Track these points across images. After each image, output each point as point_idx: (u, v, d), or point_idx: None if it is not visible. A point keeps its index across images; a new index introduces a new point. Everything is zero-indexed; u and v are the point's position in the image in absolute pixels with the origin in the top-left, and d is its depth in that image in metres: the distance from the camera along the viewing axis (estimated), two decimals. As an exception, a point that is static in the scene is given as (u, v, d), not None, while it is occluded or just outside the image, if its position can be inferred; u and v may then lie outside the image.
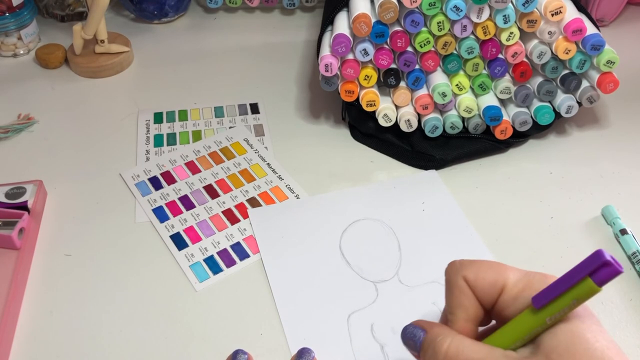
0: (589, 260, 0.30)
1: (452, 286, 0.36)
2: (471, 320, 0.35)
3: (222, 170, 0.59)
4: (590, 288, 0.30)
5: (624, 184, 0.57)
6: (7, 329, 0.44)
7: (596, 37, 0.54)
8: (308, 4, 0.81)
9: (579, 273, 0.30)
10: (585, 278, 0.30)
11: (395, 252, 0.51)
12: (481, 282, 0.35)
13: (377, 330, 0.45)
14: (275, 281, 0.49)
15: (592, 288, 0.30)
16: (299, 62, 0.73)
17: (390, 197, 0.56)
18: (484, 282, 0.35)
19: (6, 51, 0.73)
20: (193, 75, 0.71)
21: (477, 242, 0.52)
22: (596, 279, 0.30)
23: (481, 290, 0.35)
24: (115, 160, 0.59)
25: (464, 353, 0.32)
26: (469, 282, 0.35)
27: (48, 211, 0.55)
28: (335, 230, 0.53)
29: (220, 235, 0.53)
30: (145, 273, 0.50)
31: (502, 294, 0.34)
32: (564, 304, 0.31)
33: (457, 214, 0.54)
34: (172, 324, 0.46)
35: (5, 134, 0.62)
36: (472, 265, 0.35)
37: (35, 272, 0.50)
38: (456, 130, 0.59)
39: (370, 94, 0.57)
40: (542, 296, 0.32)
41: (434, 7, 0.52)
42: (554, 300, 0.31)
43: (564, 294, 0.31)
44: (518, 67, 0.56)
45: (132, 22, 0.80)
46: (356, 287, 0.48)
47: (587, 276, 0.30)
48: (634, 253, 0.50)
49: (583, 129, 0.64)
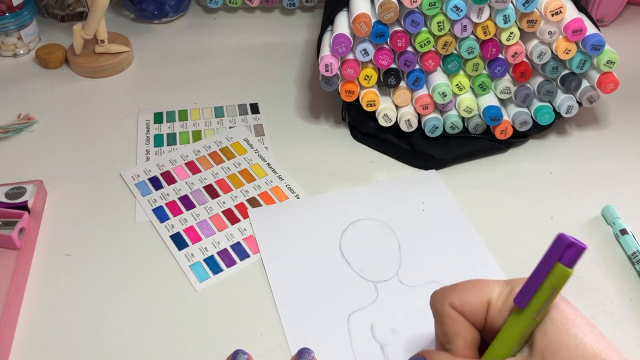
0: (554, 247, 0.31)
1: (441, 316, 0.35)
2: (470, 346, 0.35)
3: (222, 170, 0.59)
4: (563, 272, 0.31)
5: (624, 184, 0.57)
6: (7, 329, 0.44)
7: (596, 37, 0.54)
8: (308, 4, 0.81)
9: (548, 261, 0.31)
10: (556, 264, 0.31)
11: (395, 252, 0.51)
12: (468, 306, 0.35)
13: (377, 330, 0.45)
14: (275, 281, 0.49)
15: (564, 272, 0.31)
16: (299, 62, 0.73)
17: (390, 197, 0.56)
18: (470, 304, 0.35)
19: (6, 51, 0.73)
20: (193, 75, 0.71)
21: (477, 242, 0.52)
22: (565, 261, 0.31)
23: (470, 314, 0.35)
24: (115, 160, 0.59)
25: None
26: (457, 308, 0.35)
27: (48, 211, 0.55)
28: (335, 230, 0.53)
29: (221, 235, 0.53)
30: (145, 273, 0.50)
31: (489, 310, 0.35)
32: (545, 296, 0.32)
33: (457, 214, 0.54)
34: (172, 324, 0.46)
35: (5, 134, 0.62)
36: (455, 290, 0.35)
37: (35, 272, 0.50)
38: (456, 130, 0.59)
39: (370, 94, 0.57)
40: (522, 295, 0.32)
41: (434, 7, 0.52)
42: (534, 296, 0.32)
43: (542, 287, 0.32)
44: (518, 67, 0.56)
45: (132, 22, 0.80)
46: (356, 287, 0.48)
47: (557, 262, 0.31)
48: (634, 253, 0.50)
49: (583, 129, 0.64)
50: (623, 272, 0.50)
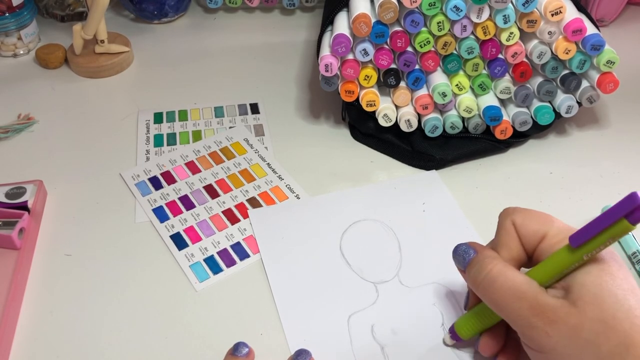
0: (623, 203, 0.32)
1: (500, 227, 0.40)
2: (513, 259, 0.39)
3: (222, 170, 0.59)
4: (625, 227, 0.32)
5: (624, 184, 0.57)
6: (7, 329, 0.44)
7: (596, 37, 0.54)
8: (308, 4, 0.81)
9: (613, 214, 0.32)
10: (621, 219, 0.32)
11: (396, 253, 0.51)
12: (526, 228, 0.39)
13: (377, 331, 0.45)
14: (276, 282, 0.49)
15: (626, 227, 0.32)
16: (299, 62, 0.73)
17: (391, 197, 0.56)
18: (528, 228, 0.39)
19: (6, 51, 0.73)
20: (193, 75, 0.71)
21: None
22: (630, 220, 0.32)
23: (525, 236, 0.39)
24: (115, 160, 0.59)
25: (504, 275, 0.36)
26: (516, 226, 0.39)
27: (48, 211, 0.55)
28: (336, 230, 0.53)
29: (221, 235, 0.53)
30: (145, 273, 0.50)
31: (541, 242, 0.38)
32: (601, 242, 0.33)
33: (458, 215, 0.54)
34: (172, 324, 0.46)
35: (5, 134, 0.62)
36: (522, 212, 0.40)
37: (35, 272, 0.50)
38: (456, 130, 0.59)
39: (370, 94, 0.57)
40: (579, 236, 0.34)
41: (434, 7, 0.52)
42: (591, 240, 0.34)
43: (601, 234, 0.33)
44: (518, 67, 0.56)
45: (132, 22, 0.80)
46: (356, 288, 0.48)
47: (622, 217, 0.32)
48: (634, 253, 0.50)
49: (583, 129, 0.64)
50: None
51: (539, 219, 0.39)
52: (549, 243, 0.38)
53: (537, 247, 0.38)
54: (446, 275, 0.49)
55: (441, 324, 0.46)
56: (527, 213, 0.39)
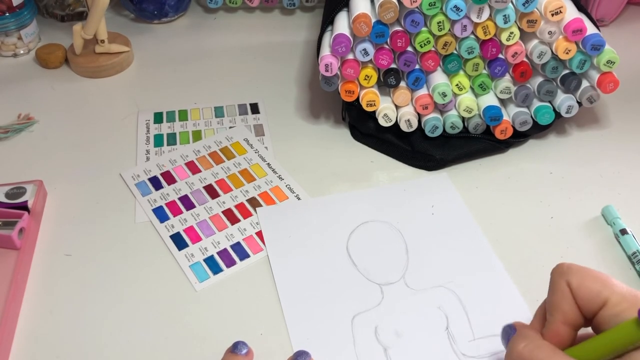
0: None
1: (554, 288, 0.36)
2: (568, 324, 0.35)
3: (222, 170, 0.59)
4: None
5: (624, 184, 0.57)
6: (7, 329, 0.44)
7: (596, 37, 0.53)
8: (308, 4, 0.81)
9: None
10: None
11: (403, 255, 0.51)
12: (584, 291, 0.35)
13: (380, 333, 0.45)
14: (281, 280, 0.49)
15: None
16: (299, 62, 0.73)
17: (400, 199, 0.56)
18: (586, 291, 0.35)
19: (6, 51, 0.73)
20: (193, 75, 0.71)
21: (487, 249, 0.51)
22: None
23: (582, 299, 0.35)
24: (115, 160, 0.59)
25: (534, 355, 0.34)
26: (572, 288, 0.35)
27: (48, 211, 0.55)
28: (343, 231, 0.53)
29: (221, 235, 0.53)
30: (145, 273, 0.50)
31: (603, 309, 0.34)
32: None
33: (467, 219, 0.54)
34: (172, 324, 0.46)
35: (5, 134, 0.62)
36: (579, 272, 0.35)
37: (35, 272, 0.50)
38: (456, 130, 0.59)
39: (370, 94, 0.57)
40: None
41: (434, 7, 0.52)
42: None
43: None
44: (518, 67, 0.56)
45: (132, 22, 0.80)
46: (362, 288, 0.48)
47: None
48: (634, 253, 0.50)
49: (583, 129, 0.64)
50: (623, 272, 0.50)
51: (598, 281, 0.35)
52: (613, 311, 0.33)
53: (598, 313, 0.34)
54: (452, 279, 0.49)
55: (445, 328, 0.46)
56: (585, 273, 0.35)
